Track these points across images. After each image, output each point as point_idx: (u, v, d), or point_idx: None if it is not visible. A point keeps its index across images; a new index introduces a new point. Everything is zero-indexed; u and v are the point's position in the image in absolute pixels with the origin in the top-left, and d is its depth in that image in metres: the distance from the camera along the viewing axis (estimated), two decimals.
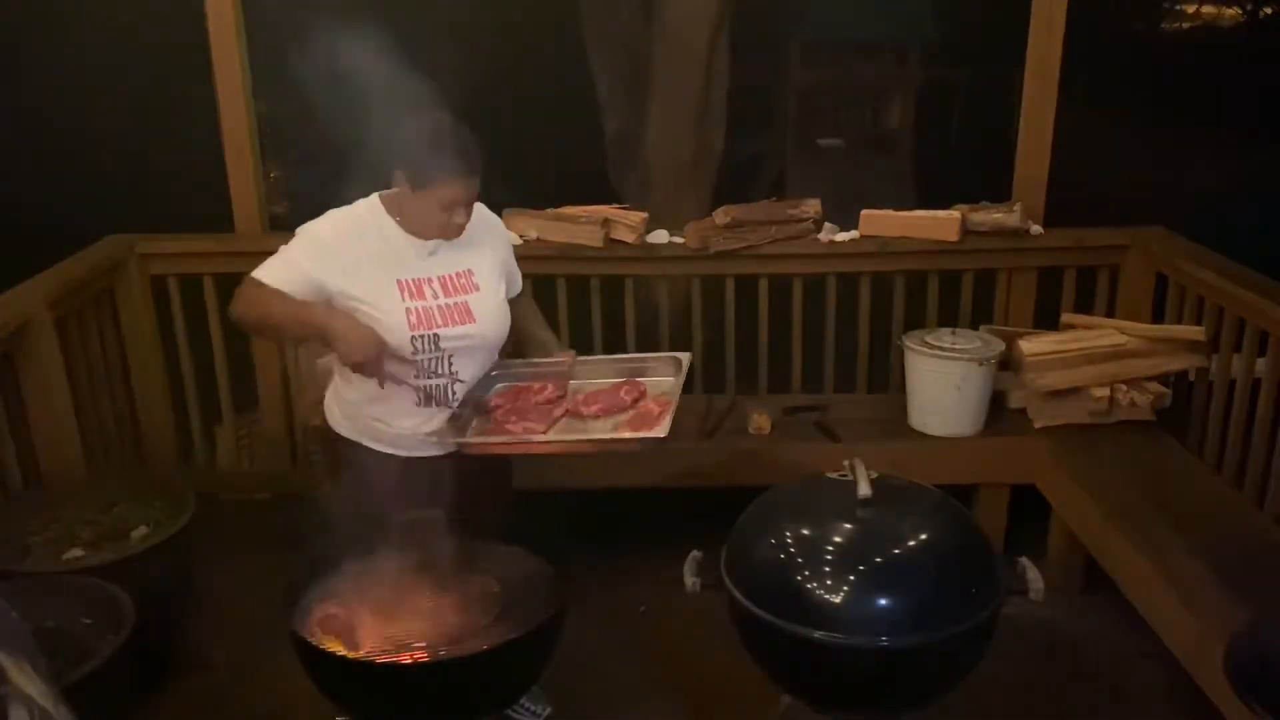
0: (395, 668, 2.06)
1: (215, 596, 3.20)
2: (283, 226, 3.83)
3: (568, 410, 2.48)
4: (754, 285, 3.76)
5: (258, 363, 3.82)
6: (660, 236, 3.67)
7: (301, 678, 2.13)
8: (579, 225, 3.57)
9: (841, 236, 3.67)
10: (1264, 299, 2.96)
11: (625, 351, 3.71)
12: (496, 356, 2.55)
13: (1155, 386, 3.33)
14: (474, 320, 2.40)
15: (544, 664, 2.21)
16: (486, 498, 2.53)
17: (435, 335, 2.35)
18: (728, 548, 2.24)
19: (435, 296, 2.37)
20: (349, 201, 2.43)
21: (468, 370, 2.43)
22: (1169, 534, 2.75)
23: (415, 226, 2.35)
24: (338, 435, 2.52)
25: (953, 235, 3.59)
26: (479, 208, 2.46)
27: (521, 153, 2.54)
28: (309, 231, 2.38)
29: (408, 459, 2.47)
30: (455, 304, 2.39)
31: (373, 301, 2.32)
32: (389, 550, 2.36)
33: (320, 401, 2.84)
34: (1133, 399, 3.30)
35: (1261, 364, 2.98)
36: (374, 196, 2.40)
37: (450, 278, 2.40)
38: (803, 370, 3.83)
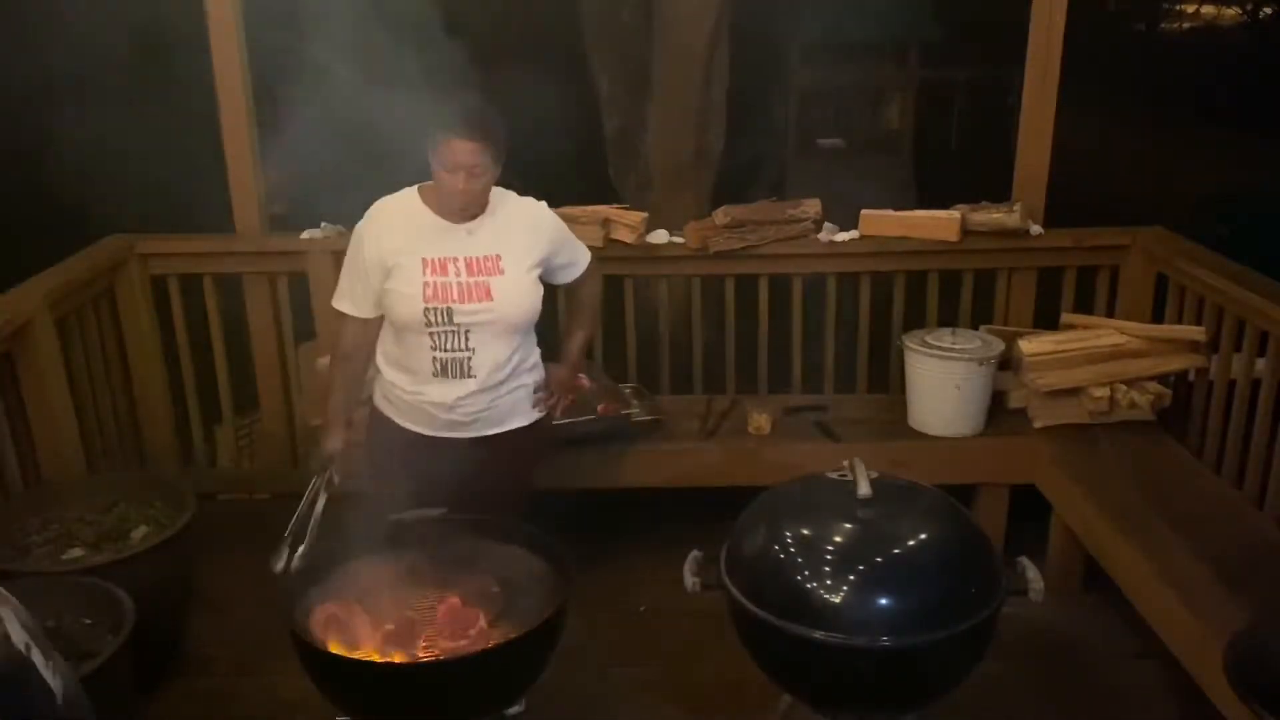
0: (395, 668, 2.06)
1: (215, 596, 3.20)
2: (283, 227, 3.84)
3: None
4: (754, 285, 3.76)
5: (258, 363, 3.82)
6: (660, 236, 3.67)
7: (301, 678, 2.13)
8: (579, 225, 3.55)
9: (841, 236, 3.67)
10: (1264, 299, 2.96)
11: (625, 353, 3.81)
12: (522, 340, 2.62)
13: (1155, 386, 3.33)
14: (491, 298, 2.48)
15: (544, 664, 2.21)
16: (505, 485, 2.63)
17: (449, 309, 2.46)
18: (728, 548, 2.23)
19: (458, 274, 2.48)
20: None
21: (486, 348, 2.52)
22: (1169, 534, 2.75)
23: (441, 199, 2.49)
24: (376, 410, 2.67)
25: (953, 235, 3.59)
26: (524, 201, 2.62)
27: (521, 152, 2.56)
28: (358, 230, 2.57)
29: (432, 438, 2.58)
30: (476, 283, 2.48)
31: (397, 276, 2.47)
32: (389, 550, 2.37)
33: (321, 401, 2.85)
34: (1132, 399, 3.30)
35: (1261, 364, 2.98)
36: (414, 187, 2.56)
37: (477, 259, 2.50)
38: (803, 370, 3.83)
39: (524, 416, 2.65)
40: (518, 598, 2.25)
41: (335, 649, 2.08)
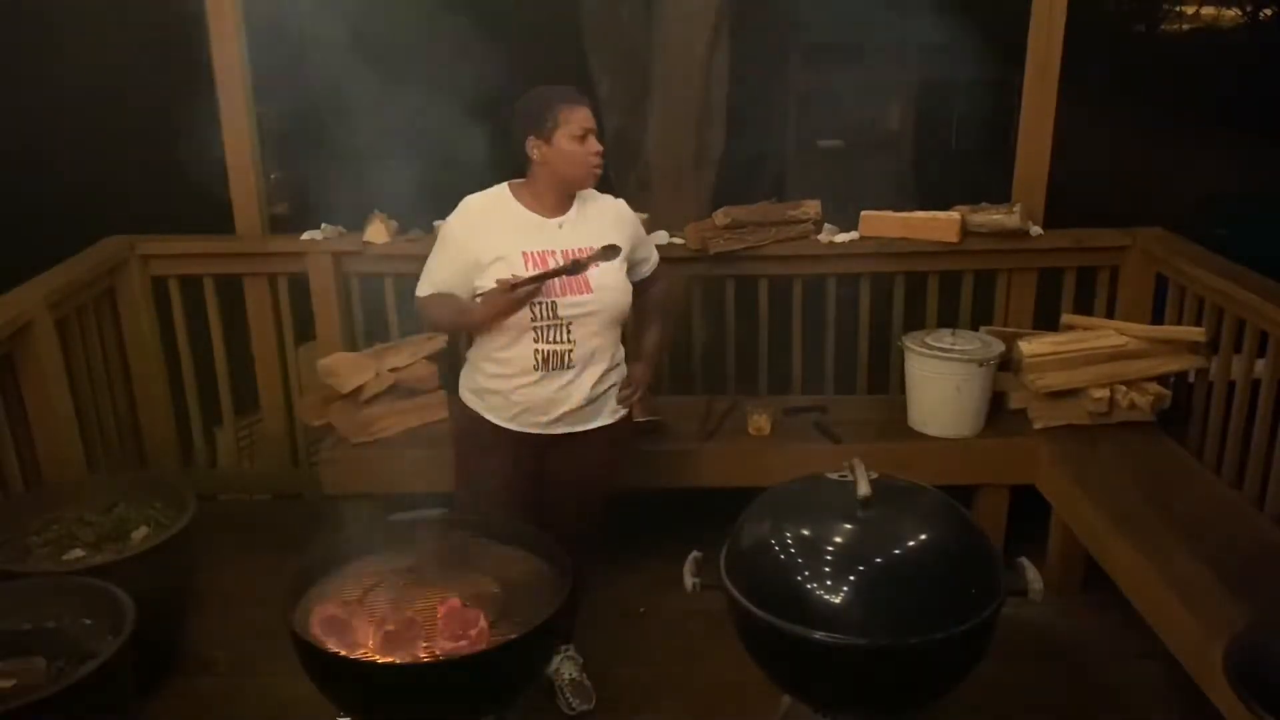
0: (395, 668, 2.06)
1: (215, 596, 3.20)
2: (284, 228, 3.84)
3: None
4: (754, 286, 3.76)
5: (258, 363, 3.82)
6: (660, 237, 3.66)
7: (301, 678, 2.13)
8: None
9: (841, 237, 3.67)
10: (1264, 300, 2.96)
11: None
12: (615, 334, 2.64)
13: (1155, 387, 3.33)
14: (591, 291, 2.50)
15: (544, 664, 2.21)
16: (583, 489, 2.71)
17: (554, 303, 2.48)
18: (727, 548, 2.23)
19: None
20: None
21: (586, 340, 2.54)
22: (1169, 535, 2.75)
23: (568, 175, 2.50)
24: (461, 403, 2.68)
25: (952, 236, 3.59)
26: (607, 197, 2.67)
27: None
28: (447, 224, 2.58)
29: (516, 433, 2.60)
30: (576, 276, 2.50)
31: (498, 271, 2.47)
32: (389, 550, 2.37)
33: (321, 401, 2.84)
34: (1132, 400, 3.30)
35: (1261, 365, 2.98)
36: (504, 184, 2.58)
37: (574, 252, 2.52)
38: (803, 371, 3.83)
39: (608, 415, 2.66)
40: (518, 598, 2.24)
41: (335, 649, 2.07)
